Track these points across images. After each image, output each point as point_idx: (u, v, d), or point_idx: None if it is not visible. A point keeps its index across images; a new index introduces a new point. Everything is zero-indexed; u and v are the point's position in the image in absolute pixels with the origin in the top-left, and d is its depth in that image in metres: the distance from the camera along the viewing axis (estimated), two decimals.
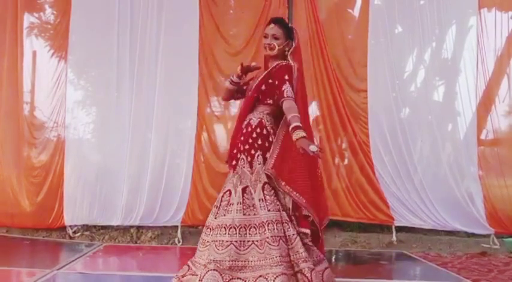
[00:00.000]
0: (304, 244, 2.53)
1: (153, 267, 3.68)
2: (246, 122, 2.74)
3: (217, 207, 2.65)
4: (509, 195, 4.46)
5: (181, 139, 4.73)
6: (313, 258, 2.53)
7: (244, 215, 2.52)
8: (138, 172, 4.59)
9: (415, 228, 4.58)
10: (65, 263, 3.54)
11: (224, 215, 2.55)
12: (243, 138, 2.70)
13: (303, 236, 2.56)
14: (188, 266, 2.67)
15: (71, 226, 4.56)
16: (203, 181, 4.62)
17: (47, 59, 4.78)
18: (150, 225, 4.58)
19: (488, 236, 4.43)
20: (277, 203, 2.56)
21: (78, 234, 4.58)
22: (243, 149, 2.67)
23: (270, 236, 2.43)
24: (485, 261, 3.91)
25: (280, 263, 2.38)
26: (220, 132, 4.81)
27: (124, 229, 4.60)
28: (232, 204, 2.55)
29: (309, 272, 2.39)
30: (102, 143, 4.80)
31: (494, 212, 4.44)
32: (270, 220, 2.47)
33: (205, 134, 4.71)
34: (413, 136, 4.66)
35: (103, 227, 4.63)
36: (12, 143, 4.72)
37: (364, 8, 4.79)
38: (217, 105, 4.83)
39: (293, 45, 2.77)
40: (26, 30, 4.81)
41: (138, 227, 4.59)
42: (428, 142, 4.69)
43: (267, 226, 2.46)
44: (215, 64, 4.75)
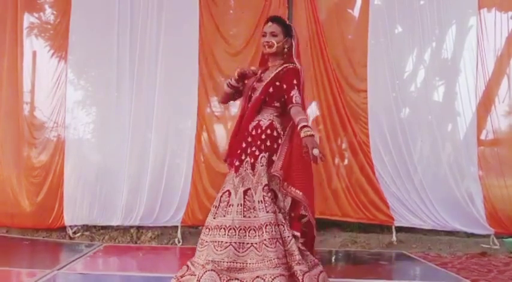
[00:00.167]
0: (299, 249, 2.51)
1: (153, 267, 3.68)
2: (255, 123, 2.70)
3: (216, 207, 2.63)
4: (509, 196, 4.46)
5: (181, 139, 4.73)
6: (307, 262, 2.51)
7: (245, 217, 2.50)
8: (138, 172, 4.59)
9: (415, 229, 4.57)
10: (65, 263, 3.54)
11: (224, 216, 2.54)
12: (251, 139, 2.67)
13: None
14: (187, 266, 2.66)
15: (71, 226, 4.56)
16: (203, 181, 4.62)
17: (47, 59, 4.78)
18: (150, 225, 4.58)
19: (488, 236, 4.43)
20: (274, 205, 2.54)
21: (78, 234, 4.58)
22: (250, 151, 2.64)
23: (268, 238, 2.42)
24: (485, 261, 3.90)
25: (278, 264, 2.37)
26: (220, 132, 4.81)
27: (124, 229, 4.60)
28: (232, 205, 2.53)
29: (301, 275, 2.38)
30: (102, 143, 4.80)
31: (494, 212, 4.44)
32: (268, 222, 2.46)
33: (205, 134, 4.71)
34: (413, 136, 4.65)
35: (103, 227, 4.63)
36: (12, 143, 4.72)
37: (364, 8, 4.79)
38: (217, 105, 4.83)
39: (292, 43, 2.75)
40: (26, 30, 4.81)
41: (138, 227, 4.59)
42: (428, 142, 4.68)
43: (264, 228, 2.45)
44: (215, 64, 4.75)
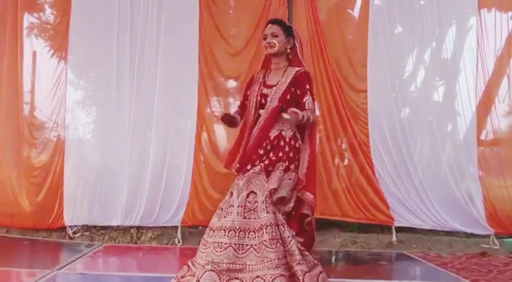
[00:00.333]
0: (299, 249, 2.53)
1: (153, 267, 3.68)
2: (276, 133, 2.72)
3: (222, 209, 2.64)
4: (509, 196, 4.46)
5: (181, 139, 4.73)
6: (307, 262, 2.53)
7: (245, 218, 2.51)
8: (138, 172, 4.59)
9: (415, 229, 4.57)
10: (65, 264, 3.53)
11: (225, 217, 2.55)
12: (271, 148, 2.69)
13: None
14: (188, 266, 2.66)
15: (70, 226, 4.56)
16: (203, 181, 4.61)
17: (47, 59, 4.77)
18: (150, 225, 4.57)
19: (488, 236, 4.43)
20: (275, 206, 2.55)
21: (78, 234, 4.58)
22: (267, 159, 2.65)
23: (268, 239, 2.43)
24: (485, 261, 3.90)
25: (278, 265, 2.38)
26: (220, 132, 4.80)
27: (124, 229, 4.60)
28: (233, 206, 2.55)
29: (301, 275, 2.39)
30: (102, 143, 4.80)
31: (494, 212, 4.44)
32: (269, 223, 2.47)
33: (205, 134, 4.71)
34: (413, 136, 4.65)
35: (103, 228, 4.63)
36: (12, 143, 4.72)
37: (364, 8, 4.78)
38: (217, 105, 4.84)
39: (295, 43, 2.77)
40: (26, 30, 4.80)
41: (138, 227, 4.59)
42: (428, 142, 4.68)
43: (265, 229, 2.46)
44: (215, 64, 4.75)
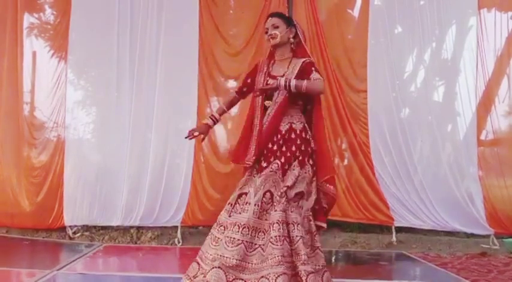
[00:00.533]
0: (314, 247, 2.53)
1: (153, 267, 3.68)
2: (287, 126, 2.68)
3: (232, 205, 2.60)
4: (509, 196, 4.46)
5: (181, 139, 4.59)
6: (314, 263, 2.51)
7: (259, 218, 2.50)
8: (138, 172, 4.59)
9: (415, 229, 4.58)
10: (65, 264, 3.53)
11: (240, 213, 2.53)
12: (283, 142, 2.64)
13: (315, 237, 2.58)
14: (198, 263, 2.60)
15: (70, 226, 4.56)
16: (203, 181, 4.62)
17: (47, 59, 4.78)
18: (150, 225, 4.58)
19: (488, 236, 4.43)
20: (287, 203, 2.52)
21: (78, 234, 4.58)
22: (281, 155, 2.61)
23: (274, 236, 2.42)
24: (484, 261, 3.90)
25: (281, 262, 2.37)
26: (220, 132, 4.81)
27: (124, 229, 4.60)
28: (249, 204, 2.52)
29: (305, 275, 2.37)
30: (102, 143, 4.80)
31: (494, 212, 4.44)
32: (276, 220, 2.46)
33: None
34: (413, 136, 4.66)
35: (103, 228, 4.63)
36: (12, 143, 4.72)
37: (364, 8, 4.79)
38: (217, 105, 4.72)
39: (297, 32, 2.76)
40: (26, 30, 4.81)
41: (138, 228, 4.60)
42: (428, 142, 4.69)
43: (272, 226, 2.45)
44: (215, 64, 4.75)
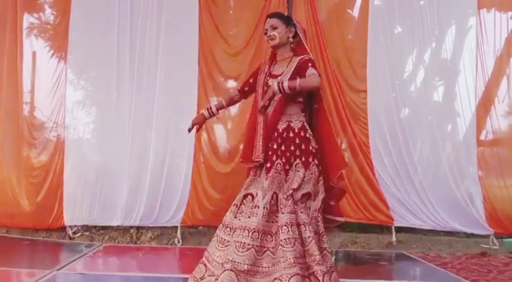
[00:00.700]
0: (321, 248, 2.51)
1: (153, 267, 3.68)
2: (285, 125, 2.65)
3: (237, 206, 2.58)
4: (509, 196, 4.46)
5: (181, 139, 4.72)
6: (326, 263, 2.50)
7: (267, 221, 2.48)
8: (138, 172, 4.59)
9: (415, 229, 4.57)
10: (64, 264, 3.53)
11: (249, 217, 2.49)
12: (281, 141, 2.61)
13: (323, 238, 2.57)
14: (205, 265, 2.58)
15: (70, 226, 4.56)
16: (203, 181, 4.62)
17: (46, 59, 4.78)
18: (150, 225, 4.58)
19: (487, 236, 4.43)
20: (295, 205, 2.50)
21: (78, 234, 4.58)
22: (282, 154, 2.58)
23: (284, 239, 2.40)
24: (484, 261, 3.90)
25: (294, 264, 2.35)
26: (220, 132, 4.81)
27: (124, 229, 4.60)
28: (258, 207, 2.48)
29: (321, 275, 2.37)
30: (102, 143, 4.80)
31: (494, 212, 4.44)
32: (285, 223, 2.43)
33: (205, 134, 4.70)
34: (413, 136, 4.66)
35: (103, 228, 4.63)
36: (12, 143, 4.72)
37: (364, 8, 4.79)
38: None
39: (297, 31, 2.74)
40: (26, 30, 4.81)
41: (138, 228, 4.60)
42: (428, 142, 4.68)
43: (281, 229, 2.43)
44: (215, 64, 4.76)
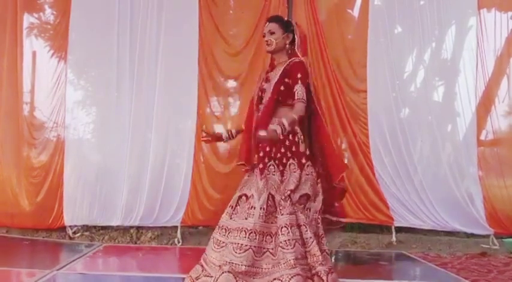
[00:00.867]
0: (321, 250, 2.50)
1: (153, 267, 3.68)
2: None
3: (233, 207, 2.59)
4: (509, 196, 4.46)
5: (181, 139, 4.73)
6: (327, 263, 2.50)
7: (265, 222, 2.46)
8: (138, 172, 4.59)
9: (415, 229, 4.57)
10: (64, 264, 3.54)
11: (245, 219, 2.48)
12: (271, 143, 2.60)
13: (322, 240, 2.56)
14: (202, 266, 2.58)
15: (70, 226, 4.56)
16: (203, 181, 4.62)
17: (46, 59, 4.79)
18: (150, 225, 4.58)
19: (487, 236, 4.43)
20: (293, 206, 2.49)
21: (78, 234, 4.58)
22: (275, 157, 2.59)
23: (283, 240, 2.39)
24: (484, 261, 3.90)
25: (295, 265, 2.33)
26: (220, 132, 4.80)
27: (124, 229, 4.60)
28: (254, 208, 2.47)
29: (325, 275, 2.37)
30: (102, 143, 4.81)
31: (494, 212, 4.44)
32: (284, 224, 2.42)
33: (205, 134, 4.69)
34: (413, 136, 4.65)
35: (103, 228, 4.63)
36: (12, 143, 4.73)
37: (364, 8, 4.79)
38: (217, 105, 4.84)
39: (295, 37, 2.73)
40: (26, 30, 4.81)
41: (138, 228, 4.60)
42: (428, 142, 4.68)
43: (280, 231, 2.42)
44: (215, 64, 4.76)
